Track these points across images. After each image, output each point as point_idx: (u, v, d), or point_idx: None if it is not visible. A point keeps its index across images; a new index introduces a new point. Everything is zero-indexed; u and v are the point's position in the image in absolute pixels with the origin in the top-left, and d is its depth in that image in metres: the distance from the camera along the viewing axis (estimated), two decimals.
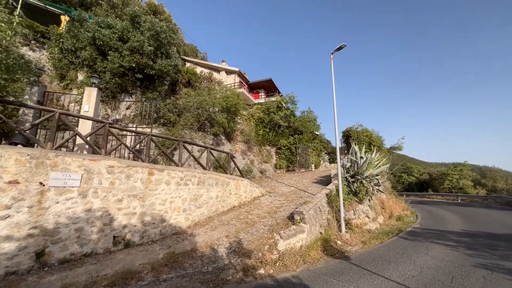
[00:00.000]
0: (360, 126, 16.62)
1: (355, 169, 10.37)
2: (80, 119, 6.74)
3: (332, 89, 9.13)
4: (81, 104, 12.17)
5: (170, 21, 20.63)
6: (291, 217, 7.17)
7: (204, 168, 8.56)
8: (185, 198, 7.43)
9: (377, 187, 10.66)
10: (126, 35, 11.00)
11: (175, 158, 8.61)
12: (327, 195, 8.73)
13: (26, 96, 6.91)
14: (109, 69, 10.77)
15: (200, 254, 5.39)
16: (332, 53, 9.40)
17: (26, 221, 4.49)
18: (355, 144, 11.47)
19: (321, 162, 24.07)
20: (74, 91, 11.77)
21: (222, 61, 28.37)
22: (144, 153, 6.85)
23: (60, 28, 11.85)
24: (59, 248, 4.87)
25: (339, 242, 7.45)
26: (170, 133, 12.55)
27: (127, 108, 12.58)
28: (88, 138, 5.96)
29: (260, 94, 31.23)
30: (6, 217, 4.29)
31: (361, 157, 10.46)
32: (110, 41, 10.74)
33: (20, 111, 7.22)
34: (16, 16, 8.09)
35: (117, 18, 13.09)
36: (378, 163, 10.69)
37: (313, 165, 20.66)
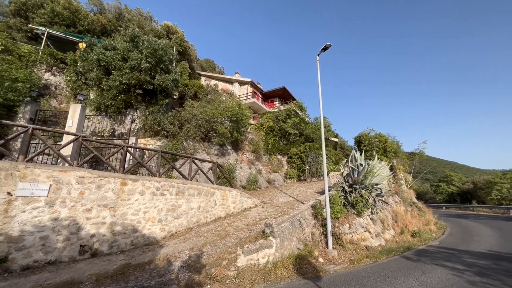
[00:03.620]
0: (372, 131, 15.28)
1: (354, 177, 9.43)
2: (65, 134, 7.29)
3: (318, 90, 8.71)
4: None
5: (183, 39, 21.91)
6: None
7: (185, 178, 8.55)
8: (161, 208, 7.44)
9: (379, 198, 9.48)
10: (127, 55, 11.87)
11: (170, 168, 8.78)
12: (312, 206, 8.02)
13: (20, 115, 7.76)
14: (112, 87, 11.65)
15: (153, 266, 5.25)
16: (318, 54, 8.94)
17: None
18: (356, 150, 10.49)
19: (341, 169, 22.61)
20: (87, 110, 12.99)
21: (236, 73, 29.05)
22: (119, 164, 7.09)
23: (76, 54, 13.31)
24: (22, 255, 5.14)
25: (321, 259, 6.70)
26: (171, 145, 12.96)
27: (132, 122, 13.39)
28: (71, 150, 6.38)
29: (275, 103, 31.06)
30: None
31: (360, 164, 9.49)
32: (113, 61, 11.68)
33: (14, 128, 8.17)
34: (41, 47, 9.43)
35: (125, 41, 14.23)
36: (379, 171, 9.58)
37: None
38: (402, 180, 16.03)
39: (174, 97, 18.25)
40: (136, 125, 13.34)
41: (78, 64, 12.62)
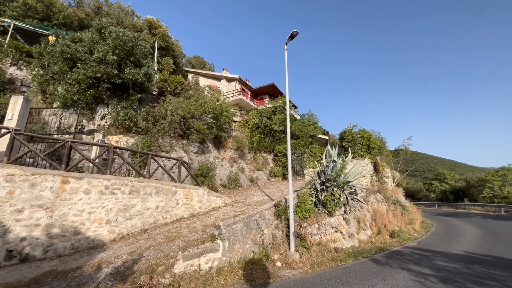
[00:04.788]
0: (355, 127, 14.76)
1: (325, 174, 8.89)
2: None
3: (285, 79, 8.26)
4: (61, 116, 12.69)
5: (165, 35, 21.28)
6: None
7: (142, 175, 7.98)
8: (110, 208, 6.88)
9: (352, 196, 8.93)
10: (93, 47, 11.26)
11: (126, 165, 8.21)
12: (275, 205, 7.47)
13: None
14: (78, 81, 11.04)
15: (79, 274, 4.69)
16: (286, 43, 8.40)
17: None
18: (332, 146, 9.95)
19: (317, 166, 22.08)
20: (55, 105, 12.41)
21: (223, 70, 28.45)
22: (63, 161, 6.51)
23: (41, 47, 12.67)
24: None
25: (279, 264, 6.16)
26: (143, 142, 12.38)
27: (102, 118, 12.80)
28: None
29: (264, 100, 30.47)
30: None
31: (333, 161, 8.95)
32: (78, 54, 11.07)
33: None
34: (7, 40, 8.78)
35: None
36: (354, 168, 9.04)
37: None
38: (388, 178, 15.52)
39: (154, 93, 17.66)
40: (106, 122, 12.75)
41: (44, 58, 11.99)
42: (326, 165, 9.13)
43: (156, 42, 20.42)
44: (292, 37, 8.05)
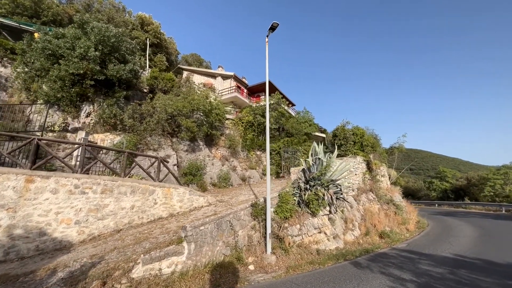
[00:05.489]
0: (348, 124, 14.31)
1: (309, 173, 8.53)
2: None
3: (266, 73, 7.91)
4: (46, 114, 12.47)
5: (157, 31, 20.98)
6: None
7: (117, 174, 7.71)
8: (80, 208, 6.62)
9: (338, 196, 8.56)
10: (75, 43, 11.00)
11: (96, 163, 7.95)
12: (252, 205, 7.14)
13: None
14: (59, 77, 10.80)
15: (30, 278, 4.43)
16: (267, 35, 8.03)
17: None
18: (319, 143, 9.58)
19: (303, 164, 21.66)
20: (39, 102, 12.19)
21: (219, 67, 28.07)
22: (29, 159, 6.26)
23: (24, 44, 12.45)
24: None
25: (252, 267, 5.85)
26: (129, 140, 12.12)
27: (87, 116, 12.56)
28: None
29: (260, 97, 30.07)
30: None
31: (318, 159, 8.59)
32: (60, 50, 10.82)
33: None
34: None
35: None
36: (341, 166, 8.67)
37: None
38: (383, 176, 15.09)
39: (145, 90, 17.41)
40: (91, 119, 12.51)
41: (27, 55, 11.77)
42: (311, 163, 8.77)
43: (148, 39, 20.12)
44: (272, 28, 7.69)
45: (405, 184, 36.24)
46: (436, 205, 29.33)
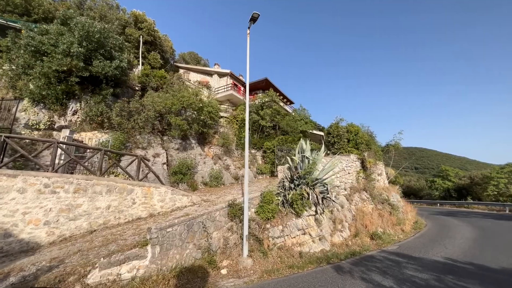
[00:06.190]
0: (342, 121, 13.86)
1: (294, 171, 8.16)
2: None
3: (247, 66, 7.56)
4: (30, 112, 12.24)
5: (151, 29, 20.71)
6: None
7: (92, 173, 7.44)
8: (50, 208, 6.36)
9: (325, 195, 8.16)
10: (59, 39, 10.76)
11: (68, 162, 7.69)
12: (229, 205, 6.80)
13: None
14: (42, 74, 10.58)
15: None
16: (248, 27, 7.66)
17: None
18: (306, 140, 9.19)
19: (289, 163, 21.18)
20: (25, 100, 12.00)
21: (215, 65, 27.75)
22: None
23: (7, 40, 12.26)
24: None
25: (224, 271, 5.52)
26: (116, 138, 11.88)
27: (74, 114, 12.34)
28: None
29: (258, 95, 29.70)
30: None
31: (304, 156, 8.20)
32: (43, 46, 10.60)
33: None
34: None
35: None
36: (329, 164, 8.27)
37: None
38: (380, 175, 14.62)
39: (136, 88, 17.17)
40: (78, 117, 12.29)
41: (11, 52, 11.59)
42: (297, 161, 8.39)
43: (141, 36, 19.87)
44: (253, 19, 7.31)
45: (407, 183, 35.52)
46: (438, 204, 28.63)
